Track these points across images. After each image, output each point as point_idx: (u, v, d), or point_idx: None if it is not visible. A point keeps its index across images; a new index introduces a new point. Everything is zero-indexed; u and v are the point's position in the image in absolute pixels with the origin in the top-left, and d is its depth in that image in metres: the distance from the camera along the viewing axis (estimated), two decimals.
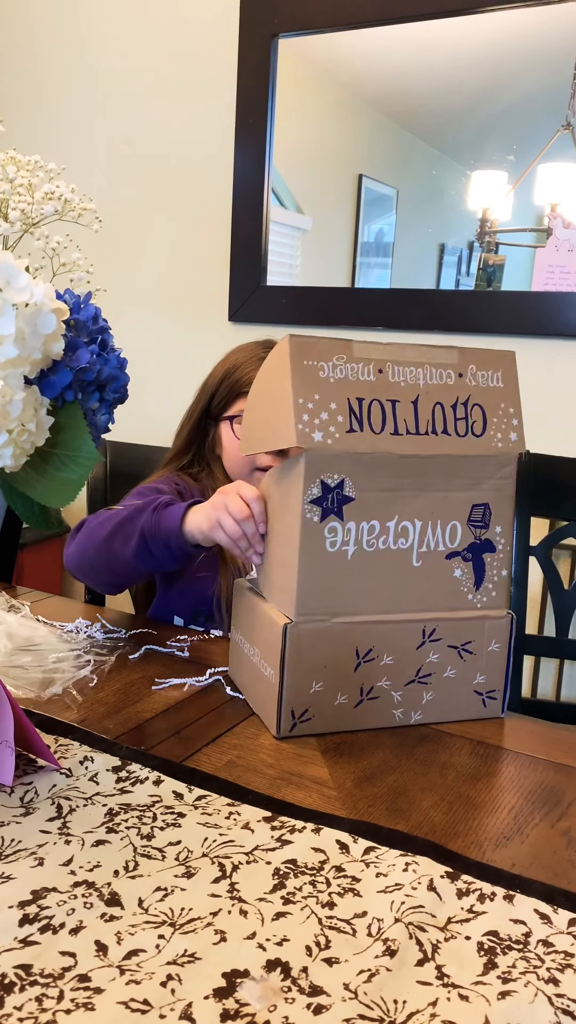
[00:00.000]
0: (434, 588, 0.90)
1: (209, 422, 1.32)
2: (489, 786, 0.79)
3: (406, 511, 0.88)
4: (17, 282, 0.61)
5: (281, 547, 0.89)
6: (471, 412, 0.91)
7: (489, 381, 0.93)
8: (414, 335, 1.96)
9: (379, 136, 2.11)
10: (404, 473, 0.87)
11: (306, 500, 0.83)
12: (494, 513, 0.92)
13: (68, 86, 2.31)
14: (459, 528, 0.90)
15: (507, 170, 1.89)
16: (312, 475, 0.83)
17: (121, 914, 0.59)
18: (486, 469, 0.91)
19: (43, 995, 0.52)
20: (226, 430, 1.29)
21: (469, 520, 0.91)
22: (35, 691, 0.92)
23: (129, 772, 0.77)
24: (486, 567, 0.92)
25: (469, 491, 0.91)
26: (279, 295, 2.10)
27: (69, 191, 0.77)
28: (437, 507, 0.89)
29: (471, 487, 0.91)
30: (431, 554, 0.89)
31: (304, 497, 0.83)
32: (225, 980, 0.54)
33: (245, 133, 2.08)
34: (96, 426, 0.73)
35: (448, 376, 0.90)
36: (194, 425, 1.32)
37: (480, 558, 0.93)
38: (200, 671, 1.01)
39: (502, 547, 0.92)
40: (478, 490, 0.91)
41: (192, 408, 1.33)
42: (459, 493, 0.90)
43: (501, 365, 0.93)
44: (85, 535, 1.12)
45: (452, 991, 0.54)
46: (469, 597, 0.91)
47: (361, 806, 0.74)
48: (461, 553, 0.91)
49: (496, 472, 0.92)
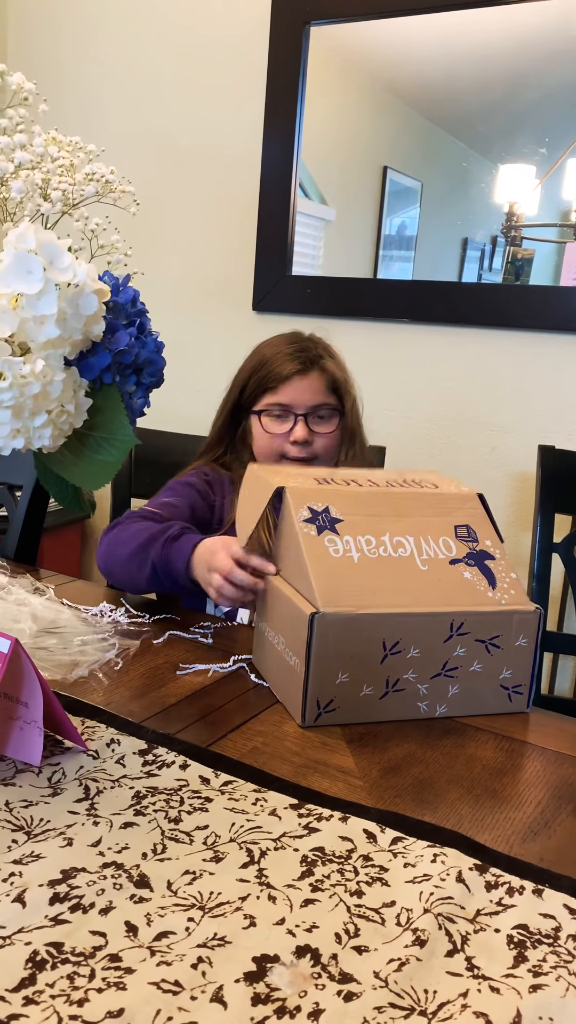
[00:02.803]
0: (450, 588, 0.91)
1: (241, 413, 1.34)
2: (515, 780, 0.79)
3: (395, 529, 0.94)
4: (60, 262, 0.61)
5: (289, 560, 0.92)
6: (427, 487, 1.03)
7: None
8: (438, 328, 1.95)
9: (406, 128, 2.10)
10: (380, 504, 0.96)
11: (299, 520, 0.90)
12: (477, 531, 0.97)
13: (96, 74, 2.31)
14: (451, 541, 0.95)
15: (536, 164, 1.87)
16: (298, 503, 0.92)
17: (150, 896, 0.59)
18: (453, 503, 1.00)
19: (75, 973, 0.52)
20: (255, 423, 1.31)
21: (456, 535, 0.96)
22: (61, 673, 0.93)
23: (156, 756, 0.77)
24: (493, 571, 0.94)
25: (445, 516, 0.98)
26: (304, 285, 2.09)
27: (109, 172, 0.77)
28: (421, 527, 0.95)
29: (445, 515, 0.98)
30: (434, 560, 0.92)
31: (297, 518, 0.90)
32: (255, 965, 0.54)
33: (274, 121, 2.06)
34: (132, 409, 0.73)
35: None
36: (227, 417, 1.35)
37: (483, 564, 0.94)
38: (224, 657, 1.01)
39: (499, 556, 0.95)
40: (453, 516, 0.98)
41: (225, 400, 1.36)
42: (436, 518, 0.97)
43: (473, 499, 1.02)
44: (112, 546, 1.16)
45: (483, 983, 0.54)
46: (489, 595, 0.91)
47: (387, 796, 0.74)
48: (463, 560, 0.94)
49: (463, 505, 1.00)
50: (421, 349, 1.98)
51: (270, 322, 2.14)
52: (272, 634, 0.93)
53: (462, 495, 1.01)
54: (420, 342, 1.98)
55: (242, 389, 1.33)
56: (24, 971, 0.52)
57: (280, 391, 1.28)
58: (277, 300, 2.12)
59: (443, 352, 1.96)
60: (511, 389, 1.89)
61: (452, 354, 1.95)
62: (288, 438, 1.28)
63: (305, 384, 1.28)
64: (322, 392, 1.29)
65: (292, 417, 1.28)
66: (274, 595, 0.94)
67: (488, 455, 1.93)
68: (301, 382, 1.28)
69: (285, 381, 1.27)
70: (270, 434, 1.28)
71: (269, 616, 0.95)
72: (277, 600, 0.92)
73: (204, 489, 1.31)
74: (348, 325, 2.02)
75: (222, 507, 1.32)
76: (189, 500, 1.28)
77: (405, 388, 2.00)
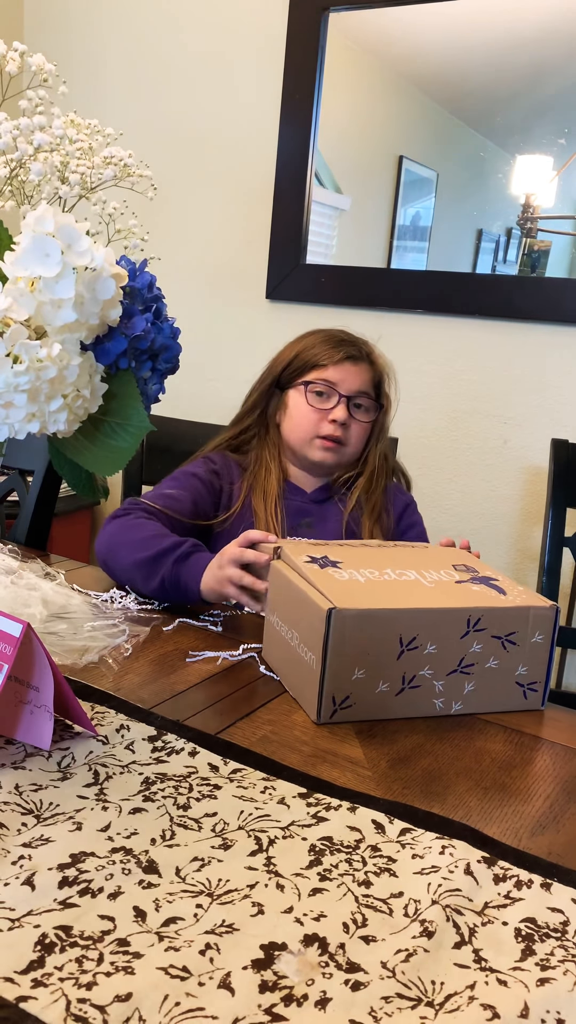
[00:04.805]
0: (462, 594, 0.91)
1: (274, 391, 1.35)
2: (524, 774, 0.78)
3: (395, 563, 0.97)
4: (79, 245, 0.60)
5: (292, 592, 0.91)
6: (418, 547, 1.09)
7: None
8: (452, 319, 1.94)
9: (422, 118, 2.08)
10: (376, 555, 1.00)
11: (301, 561, 0.93)
12: (476, 568, 1.00)
13: (112, 59, 2.30)
14: (452, 572, 0.97)
15: (554, 155, 1.86)
16: (297, 554, 0.95)
17: (159, 882, 0.59)
18: (447, 554, 1.05)
19: (83, 956, 0.52)
20: (295, 396, 1.32)
21: (456, 569, 0.98)
22: (71, 658, 0.93)
23: (165, 742, 0.78)
24: (501, 586, 0.94)
25: (442, 559, 1.02)
26: (318, 274, 2.08)
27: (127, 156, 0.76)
28: (421, 564, 0.98)
29: (441, 560, 1.01)
30: (439, 582, 0.94)
31: (298, 561, 0.94)
32: (263, 952, 0.54)
33: (291, 109, 2.05)
34: (147, 395, 0.73)
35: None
36: (261, 394, 1.36)
37: (489, 583, 0.95)
38: (233, 645, 1.01)
39: (500, 580, 0.96)
40: (449, 560, 1.02)
41: (263, 378, 1.37)
42: (433, 561, 1.01)
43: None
44: (116, 545, 1.15)
45: (490, 975, 0.54)
46: (504, 596, 0.91)
47: (396, 787, 0.74)
48: (468, 581, 0.95)
49: (458, 555, 1.05)
50: (434, 340, 1.97)
51: (283, 310, 2.13)
52: (285, 629, 0.93)
53: (456, 551, 1.07)
54: (433, 333, 1.97)
55: (286, 366, 1.34)
56: (33, 953, 0.52)
57: (330, 369, 1.30)
58: (291, 289, 2.11)
59: (456, 344, 1.95)
60: (525, 382, 1.88)
61: (466, 346, 1.94)
62: (327, 416, 1.29)
63: (355, 370, 1.31)
64: (367, 382, 1.32)
65: (335, 397, 1.29)
66: (288, 589, 0.93)
67: (501, 448, 1.92)
68: (352, 367, 1.31)
69: (336, 362, 1.30)
70: (311, 407, 1.29)
71: (282, 611, 0.95)
72: (291, 595, 0.92)
73: (209, 478, 1.31)
74: (361, 315, 2.01)
75: (230, 493, 1.32)
76: (192, 492, 1.28)
77: (418, 379, 1.99)
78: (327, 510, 1.34)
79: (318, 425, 1.30)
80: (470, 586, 0.93)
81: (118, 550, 1.15)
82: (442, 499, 1.99)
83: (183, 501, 1.26)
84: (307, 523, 1.32)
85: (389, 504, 1.35)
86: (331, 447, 1.30)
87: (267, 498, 1.30)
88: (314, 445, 1.31)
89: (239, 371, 1.44)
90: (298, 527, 1.31)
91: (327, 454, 1.31)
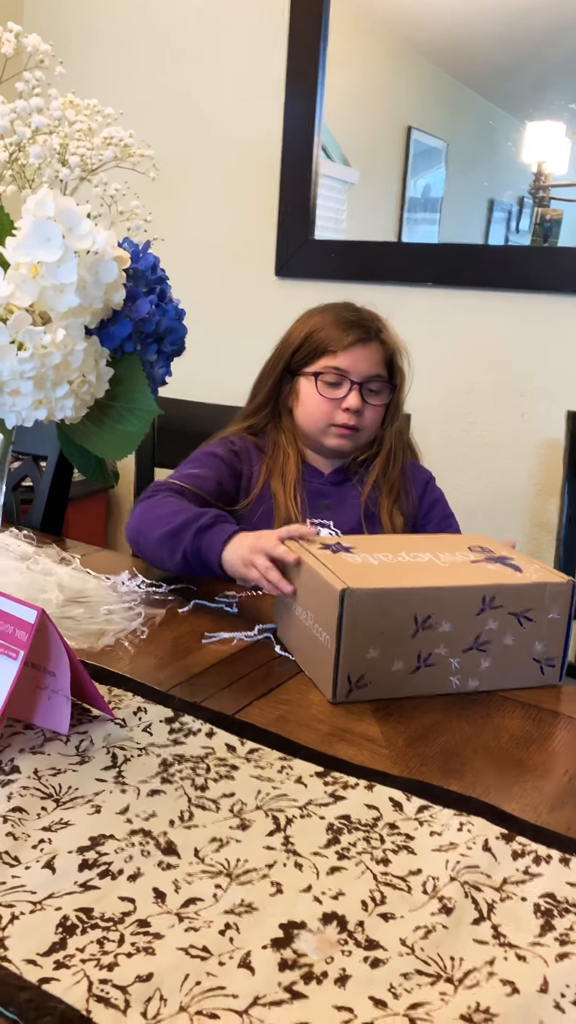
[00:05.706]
0: (478, 572, 0.90)
1: (285, 376, 1.33)
2: (543, 750, 0.78)
3: (409, 546, 0.97)
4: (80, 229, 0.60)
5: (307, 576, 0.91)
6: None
7: None
8: (465, 291, 1.91)
9: (430, 87, 2.04)
10: (389, 542, 1.00)
11: (314, 549, 0.93)
12: (491, 548, 0.99)
13: (114, 34, 2.27)
14: (467, 553, 0.97)
15: (566, 121, 1.82)
16: (311, 543, 0.96)
17: (178, 863, 0.60)
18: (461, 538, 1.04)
19: (104, 938, 0.53)
20: (306, 385, 1.30)
21: (470, 550, 0.98)
22: (87, 642, 0.93)
23: (182, 724, 0.78)
24: (517, 564, 0.93)
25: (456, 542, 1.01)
26: (327, 249, 2.06)
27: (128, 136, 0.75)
28: (435, 547, 0.98)
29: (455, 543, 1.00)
30: (455, 562, 0.93)
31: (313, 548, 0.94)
32: (283, 931, 0.54)
33: (296, 82, 2.02)
34: (153, 379, 0.73)
35: None
36: (273, 380, 1.34)
37: (505, 561, 0.94)
38: (249, 626, 1.01)
39: (516, 559, 0.95)
40: (464, 543, 1.00)
41: (273, 362, 1.34)
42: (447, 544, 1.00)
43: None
44: (144, 524, 1.15)
45: (509, 951, 0.54)
46: (519, 573, 0.90)
47: (413, 765, 0.74)
48: (483, 560, 0.94)
49: (471, 538, 1.03)
50: (447, 314, 1.94)
51: (292, 288, 2.11)
52: (299, 609, 0.93)
53: (473, 535, 1.06)
54: (446, 307, 1.94)
55: (295, 350, 1.31)
56: (55, 936, 0.53)
57: (339, 356, 1.27)
58: (300, 265, 2.09)
59: (470, 317, 1.92)
60: (540, 354, 1.85)
61: (479, 319, 1.91)
62: (340, 404, 1.27)
63: (365, 353, 1.27)
64: (379, 364, 1.29)
65: (347, 384, 1.27)
66: (301, 571, 0.93)
67: (518, 421, 1.90)
68: (362, 351, 1.27)
69: (346, 347, 1.26)
70: (323, 397, 1.28)
71: (296, 591, 0.94)
72: (304, 575, 0.92)
73: (231, 459, 1.30)
74: (372, 289, 1.98)
75: (250, 476, 1.31)
76: (216, 471, 1.27)
77: (432, 353, 1.97)
78: (345, 492, 1.33)
79: (331, 414, 1.27)
80: (486, 565, 0.93)
81: (145, 529, 1.14)
82: (457, 474, 1.98)
83: (207, 479, 1.25)
84: (326, 505, 1.31)
85: (408, 484, 1.34)
86: (346, 434, 1.29)
87: (286, 482, 1.29)
88: (329, 433, 1.29)
89: (250, 351, 1.42)
90: (317, 508, 1.31)
91: (343, 441, 1.29)
